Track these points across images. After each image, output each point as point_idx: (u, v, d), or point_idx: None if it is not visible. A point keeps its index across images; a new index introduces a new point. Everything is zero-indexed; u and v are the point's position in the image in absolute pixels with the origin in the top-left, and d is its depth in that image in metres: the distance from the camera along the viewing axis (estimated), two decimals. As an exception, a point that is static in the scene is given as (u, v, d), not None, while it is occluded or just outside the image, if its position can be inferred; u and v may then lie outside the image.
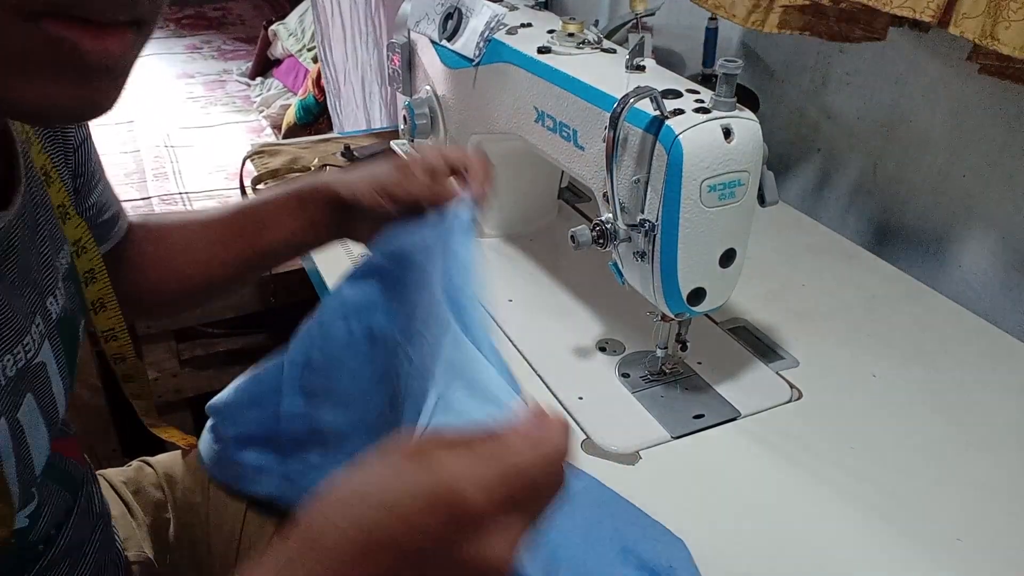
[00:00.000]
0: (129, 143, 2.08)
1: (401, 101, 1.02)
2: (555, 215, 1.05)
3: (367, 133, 1.44)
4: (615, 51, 0.79)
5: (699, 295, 0.68)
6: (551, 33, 0.82)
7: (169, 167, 1.97)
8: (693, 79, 0.72)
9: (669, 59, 1.30)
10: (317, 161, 1.24)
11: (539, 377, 0.77)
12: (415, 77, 1.00)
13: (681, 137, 0.62)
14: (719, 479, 0.66)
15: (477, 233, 0.58)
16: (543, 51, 0.79)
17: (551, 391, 0.75)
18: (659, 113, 0.63)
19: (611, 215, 0.68)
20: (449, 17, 0.90)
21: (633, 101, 0.63)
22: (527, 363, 0.79)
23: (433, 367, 0.48)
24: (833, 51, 1.06)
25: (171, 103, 2.37)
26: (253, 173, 1.25)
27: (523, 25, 0.86)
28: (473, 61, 0.87)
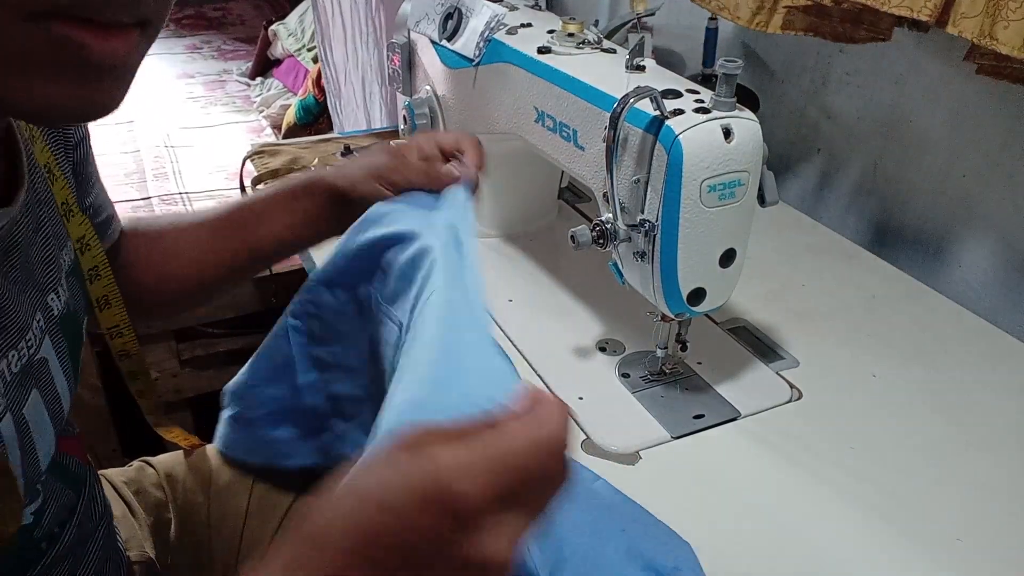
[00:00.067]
0: (129, 143, 2.08)
1: (401, 101, 1.01)
2: (555, 215, 1.05)
3: (367, 133, 1.44)
4: (615, 51, 0.79)
5: (699, 295, 0.68)
6: (551, 33, 0.82)
7: (169, 167, 1.97)
8: (693, 79, 0.72)
9: (669, 59, 1.30)
10: (317, 161, 1.24)
11: (539, 377, 0.77)
12: (415, 77, 1.00)
13: (681, 137, 0.62)
14: (719, 479, 0.67)
15: (475, 214, 0.58)
16: (543, 51, 0.79)
17: (551, 391, 0.75)
18: (659, 113, 0.63)
19: (611, 215, 0.68)
20: (449, 17, 0.90)
21: (633, 101, 0.63)
22: (527, 363, 0.79)
23: (425, 330, 0.45)
24: (833, 51, 1.06)
25: (171, 103, 2.37)
26: (253, 173, 1.24)
27: (523, 25, 0.85)
28: (473, 61, 0.87)
